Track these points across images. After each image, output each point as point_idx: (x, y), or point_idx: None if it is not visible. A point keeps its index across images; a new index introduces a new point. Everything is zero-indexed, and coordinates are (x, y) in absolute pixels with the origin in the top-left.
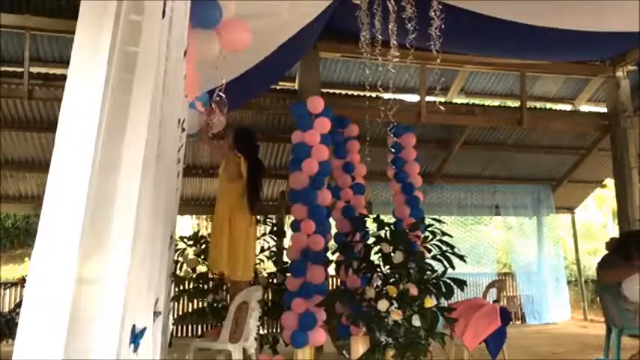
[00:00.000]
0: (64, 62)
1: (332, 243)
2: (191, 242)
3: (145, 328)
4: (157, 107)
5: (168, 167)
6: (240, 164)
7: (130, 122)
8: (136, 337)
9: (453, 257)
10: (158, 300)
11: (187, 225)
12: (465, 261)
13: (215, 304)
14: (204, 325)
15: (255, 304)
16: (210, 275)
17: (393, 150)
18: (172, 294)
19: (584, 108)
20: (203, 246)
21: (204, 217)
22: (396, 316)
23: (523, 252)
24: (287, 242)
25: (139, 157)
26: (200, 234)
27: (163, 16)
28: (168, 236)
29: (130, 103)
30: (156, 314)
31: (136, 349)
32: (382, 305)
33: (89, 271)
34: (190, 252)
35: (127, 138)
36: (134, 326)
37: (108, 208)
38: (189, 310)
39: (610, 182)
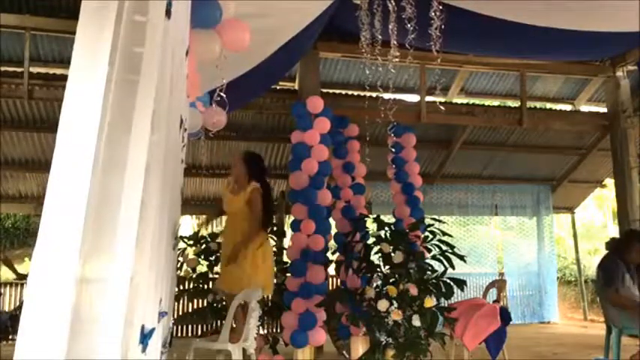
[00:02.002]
0: (64, 62)
1: (332, 243)
2: (191, 242)
3: (153, 329)
4: (162, 108)
5: (172, 167)
6: (259, 191)
7: (134, 123)
8: (145, 337)
9: (453, 257)
10: (162, 300)
11: (187, 225)
12: (465, 261)
13: (215, 304)
14: (204, 325)
15: (255, 304)
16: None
17: (393, 150)
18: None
19: (584, 108)
20: (203, 246)
21: (204, 217)
22: (396, 316)
23: (522, 252)
24: (287, 242)
25: (142, 157)
26: (200, 234)
27: (168, 16)
28: (172, 237)
29: (134, 103)
30: (161, 314)
31: (144, 350)
32: (382, 305)
33: (91, 271)
34: (190, 252)
35: (131, 138)
36: (143, 326)
37: (111, 208)
38: (189, 310)
39: (610, 182)
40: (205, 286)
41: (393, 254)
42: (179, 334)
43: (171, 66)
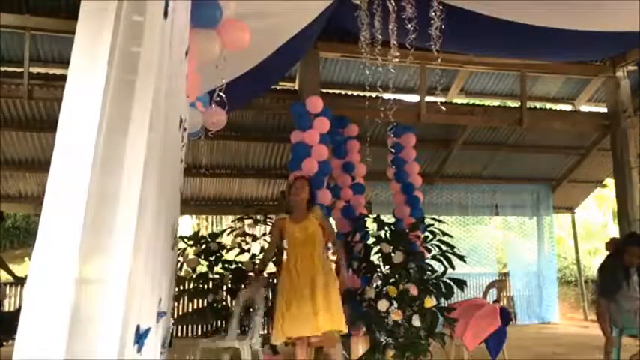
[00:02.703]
0: (64, 62)
1: None
2: (191, 242)
3: (149, 329)
4: (160, 108)
5: (171, 167)
6: None
7: (132, 122)
8: (140, 337)
9: (453, 257)
10: (161, 300)
11: (187, 225)
12: (465, 261)
13: (215, 304)
14: (204, 325)
15: (261, 301)
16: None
17: (393, 150)
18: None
19: (584, 108)
20: (203, 246)
21: (204, 217)
22: (396, 316)
23: (522, 252)
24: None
25: (141, 157)
26: (200, 234)
27: (166, 16)
28: (171, 236)
29: (132, 103)
30: (159, 314)
31: (140, 350)
32: (382, 305)
33: (90, 271)
34: (190, 252)
35: (130, 138)
36: (138, 326)
37: (110, 208)
38: (189, 310)
39: (610, 182)
40: (205, 286)
41: (393, 254)
42: (179, 334)
43: (170, 66)
